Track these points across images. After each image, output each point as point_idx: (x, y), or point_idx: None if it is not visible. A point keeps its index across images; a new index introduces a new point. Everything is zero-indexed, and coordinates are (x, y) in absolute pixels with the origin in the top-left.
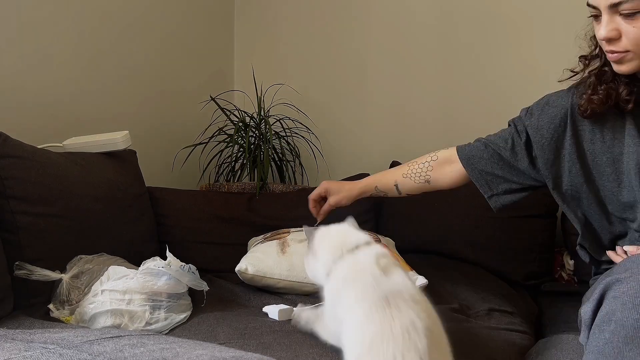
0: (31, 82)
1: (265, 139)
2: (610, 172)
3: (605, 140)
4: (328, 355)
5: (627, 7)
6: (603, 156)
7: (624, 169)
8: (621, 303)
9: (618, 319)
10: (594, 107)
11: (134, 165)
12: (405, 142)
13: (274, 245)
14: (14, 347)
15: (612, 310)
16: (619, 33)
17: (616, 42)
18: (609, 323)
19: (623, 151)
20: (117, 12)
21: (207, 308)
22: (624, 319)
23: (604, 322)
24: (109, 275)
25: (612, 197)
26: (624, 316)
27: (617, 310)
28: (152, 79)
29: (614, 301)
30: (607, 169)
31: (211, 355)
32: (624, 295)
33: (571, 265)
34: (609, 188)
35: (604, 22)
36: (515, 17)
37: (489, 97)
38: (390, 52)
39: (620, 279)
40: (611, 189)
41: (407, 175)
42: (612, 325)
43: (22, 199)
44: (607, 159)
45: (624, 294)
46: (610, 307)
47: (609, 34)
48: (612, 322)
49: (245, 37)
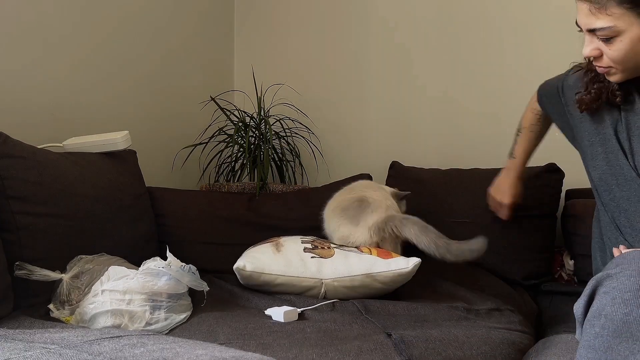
0: (31, 82)
1: (265, 139)
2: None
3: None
4: (328, 356)
5: (601, 34)
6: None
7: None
8: (611, 298)
9: (607, 313)
10: (587, 105)
11: (134, 165)
12: (405, 143)
13: (268, 246)
14: (14, 347)
15: (602, 305)
16: (600, 52)
17: (599, 59)
18: (599, 318)
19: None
20: (117, 13)
21: (207, 308)
22: (613, 314)
23: (595, 317)
24: (109, 275)
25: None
26: (613, 310)
27: (606, 305)
28: (152, 79)
29: (604, 296)
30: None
31: (211, 355)
32: (613, 291)
33: (571, 265)
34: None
35: (586, 42)
36: (515, 18)
37: (489, 98)
38: (390, 52)
39: (610, 274)
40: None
41: (538, 138)
42: (601, 320)
43: (22, 199)
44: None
45: (614, 289)
46: (601, 302)
47: (590, 53)
48: (601, 316)
49: (245, 37)
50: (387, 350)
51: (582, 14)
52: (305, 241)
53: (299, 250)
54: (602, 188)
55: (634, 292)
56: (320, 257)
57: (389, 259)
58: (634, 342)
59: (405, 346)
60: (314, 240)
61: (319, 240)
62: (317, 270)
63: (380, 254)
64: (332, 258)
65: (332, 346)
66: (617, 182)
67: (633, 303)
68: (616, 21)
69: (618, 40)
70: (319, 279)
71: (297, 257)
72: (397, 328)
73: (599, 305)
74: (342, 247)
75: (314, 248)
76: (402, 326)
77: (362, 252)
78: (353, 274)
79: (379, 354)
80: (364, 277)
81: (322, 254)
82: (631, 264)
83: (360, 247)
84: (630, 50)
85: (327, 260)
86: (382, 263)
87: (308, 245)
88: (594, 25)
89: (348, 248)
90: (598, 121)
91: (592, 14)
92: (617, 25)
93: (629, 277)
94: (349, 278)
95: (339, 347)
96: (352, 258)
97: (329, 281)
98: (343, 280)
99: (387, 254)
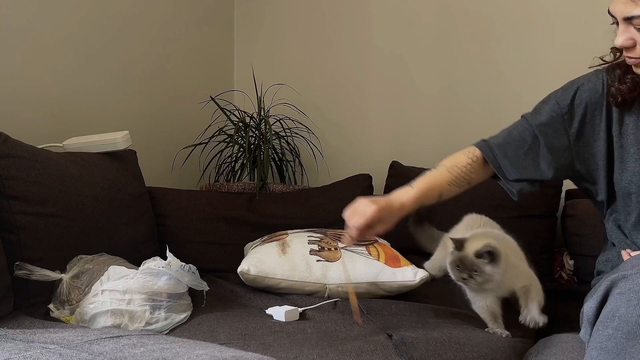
0: (31, 82)
1: (265, 139)
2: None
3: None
4: (328, 356)
5: (638, 22)
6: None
7: None
8: (626, 299)
9: (622, 315)
10: (623, 96)
11: (134, 165)
12: (405, 142)
13: (274, 246)
14: (14, 347)
15: (617, 306)
16: (634, 42)
17: (632, 49)
18: (612, 319)
19: None
20: (117, 12)
21: (207, 308)
22: (628, 315)
23: (608, 319)
24: (109, 275)
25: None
26: (628, 312)
27: (621, 307)
28: (152, 79)
29: (619, 297)
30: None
31: (211, 355)
32: (629, 292)
33: (571, 265)
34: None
35: (620, 32)
36: (516, 18)
37: (489, 98)
38: (390, 52)
39: (626, 275)
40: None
41: (452, 183)
42: (615, 322)
43: (22, 199)
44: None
45: (629, 291)
46: (615, 303)
47: (624, 42)
48: (615, 318)
49: (245, 37)
50: (388, 351)
51: (619, 2)
52: (312, 241)
53: (304, 253)
54: (634, 189)
55: None
56: (326, 261)
57: (395, 268)
58: None
59: (406, 347)
60: (321, 239)
61: (327, 238)
62: (322, 275)
63: (388, 260)
64: (338, 262)
65: (333, 347)
66: None
67: None
68: None
69: None
70: (323, 284)
71: (303, 261)
72: (398, 329)
73: (613, 307)
74: (348, 249)
75: (320, 250)
76: (403, 327)
77: (369, 255)
78: (358, 280)
79: (380, 355)
80: (368, 284)
81: (328, 256)
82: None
83: (369, 249)
84: None
85: (333, 264)
86: (389, 272)
87: (314, 246)
88: (632, 12)
89: (356, 250)
90: (625, 121)
91: (632, 1)
92: None
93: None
94: (354, 285)
95: (339, 347)
96: (359, 263)
97: (334, 286)
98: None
99: (396, 260)
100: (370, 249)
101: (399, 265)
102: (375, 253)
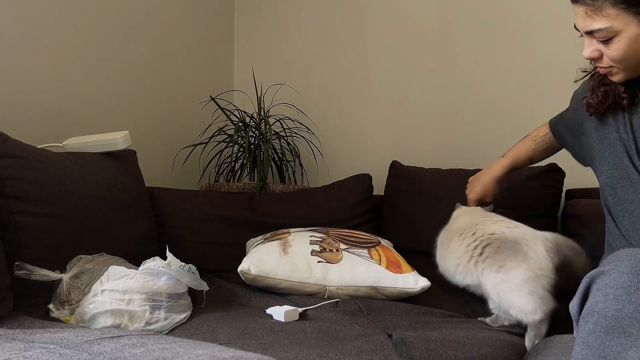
0: (31, 82)
1: (265, 139)
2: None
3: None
4: (328, 356)
5: (599, 35)
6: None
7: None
8: (603, 294)
9: (600, 309)
10: (594, 108)
11: (134, 165)
12: (405, 142)
13: (276, 245)
14: (14, 347)
15: (595, 301)
16: (600, 53)
17: (599, 60)
18: (592, 314)
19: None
20: (117, 12)
21: (207, 308)
22: (606, 310)
23: (588, 314)
24: (109, 275)
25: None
26: (606, 307)
27: (599, 302)
28: (152, 79)
29: (597, 293)
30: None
31: (211, 355)
32: (606, 287)
33: None
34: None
35: (586, 44)
36: (516, 18)
37: (489, 98)
38: (390, 52)
39: (603, 271)
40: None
41: (537, 150)
42: (594, 317)
43: (22, 199)
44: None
45: (606, 286)
46: (594, 299)
47: (590, 54)
48: (594, 313)
49: (245, 37)
50: (388, 351)
51: (579, 17)
52: (314, 241)
53: (305, 253)
54: (607, 192)
55: (626, 289)
56: (327, 262)
57: (397, 274)
58: (626, 337)
59: (406, 347)
60: (323, 239)
61: (329, 239)
62: (322, 277)
63: (389, 265)
64: (339, 264)
65: (333, 346)
66: (621, 184)
67: (625, 299)
68: (612, 22)
69: (616, 40)
70: (324, 286)
71: (304, 262)
72: (397, 329)
73: (592, 302)
74: (350, 251)
75: (321, 251)
76: (403, 327)
77: (371, 259)
78: (358, 284)
79: (380, 355)
80: (369, 288)
81: (329, 258)
82: (624, 260)
83: (371, 252)
84: (629, 49)
85: (334, 265)
86: (390, 277)
87: (316, 247)
88: (591, 27)
89: (357, 252)
90: (604, 126)
91: (588, 16)
92: (614, 26)
93: (621, 274)
94: (354, 288)
95: (339, 347)
96: (360, 266)
97: (334, 288)
98: (348, 289)
99: (397, 265)
100: (372, 252)
101: (400, 271)
102: (377, 257)
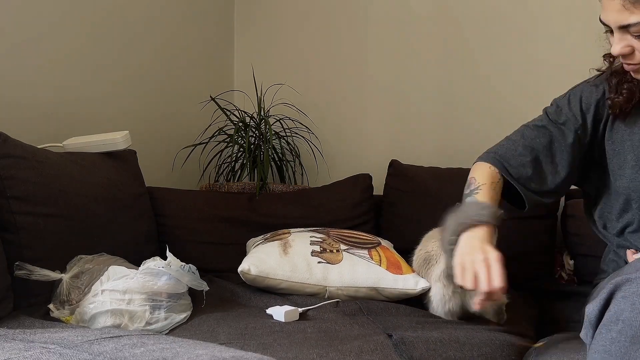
0: (31, 83)
1: (265, 139)
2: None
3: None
4: (328, 356)
5: (635, 30)
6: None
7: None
8: (630, 303)
9: (626, 318)
10: (620, 107)
11: (134, 165)
12: (405, 142)
13: (276, 245)
14: (14, 347)
15: (621, 310)
16: (632, 49)
17: (630, 56)
18: (616, 323)
19: None
20: (117, 12)
21: (207, 308)
22: (632, 319)
23: (612, 322)
24: (109, 275)
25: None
26: (632, 316)
27: (625, 310)
28: (152, 79)
29: (622, 301)
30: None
31: (211, 355)
32: (633, 296)
33: (571, 265)
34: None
35: (616, 40)
36: (516, 16)
37: (489, 97)
38: (390, 52)
39: (630, 279)
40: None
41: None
42: (619, 325)
43: (22, 199)
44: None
45: (633, 294)
46: (619, 306)
47: (622, 50)
48: (619, 321)
49: (245, 37)
50: (388, 351)
51: (613, 10)
52: (314, 242)
53: (306, 254)
54: (632, 196)
55: None
56: (327, 263)
57: (397, 275)
58: None
59: (406, 347)
60: (323, 240)
61: (329, 239)
62: (322, 277)
63: (390, 266)
64: (339, 264)
65: (333, 346)
66: None
67: None
68: None
69: None
70: (324, 286)
71: (304, 262)
72: (397, 329)
73: (617, 310)
74: (350, 251)
75: (322, 251)
76: (403, 327)
77: (371, 260)
78: (358, 285)
79: (380, 355)
80: (369, 289)
81: (329, 258)
82: None
83: (371, 253)
84: None
85: (334, 266)
86: (390, 279)
87: (316, 247)
88: (627, 21)
89: (357, 252)
90: (627, 127)
91: (626, 9)
92: None
93: None
94: (354, 288)
95: (339, 347)
96: (360, 267)
97: (334, 289)
98: (348, 290)
99: (398, 266)
100: (372, 253)
101: (401, 272)
102: (377, 258)
